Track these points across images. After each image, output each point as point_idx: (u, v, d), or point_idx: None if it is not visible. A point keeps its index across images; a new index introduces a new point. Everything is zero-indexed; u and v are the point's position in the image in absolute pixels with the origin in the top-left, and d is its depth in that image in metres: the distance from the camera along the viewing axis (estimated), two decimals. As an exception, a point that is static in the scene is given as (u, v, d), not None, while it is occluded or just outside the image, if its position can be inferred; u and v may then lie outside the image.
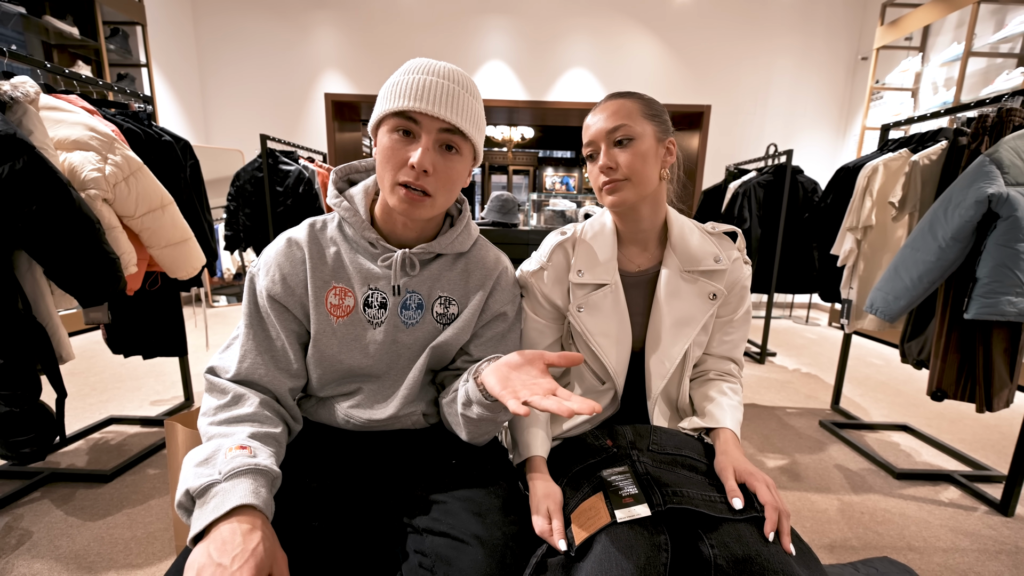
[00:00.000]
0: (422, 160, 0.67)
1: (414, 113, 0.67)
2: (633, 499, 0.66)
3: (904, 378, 2.84)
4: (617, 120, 0.81)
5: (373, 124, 0.73)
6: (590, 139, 0.84)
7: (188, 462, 0.59)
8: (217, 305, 4.44)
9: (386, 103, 0.69)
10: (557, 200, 5.38)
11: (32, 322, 1.18)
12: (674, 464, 0.75)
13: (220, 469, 0.57)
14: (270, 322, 0.74)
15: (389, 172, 0.70)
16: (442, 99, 0.68)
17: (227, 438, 0.63)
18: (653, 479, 0.69)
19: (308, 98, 4.78)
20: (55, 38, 3.33)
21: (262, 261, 0.76)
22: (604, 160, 0.81)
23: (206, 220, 1.92)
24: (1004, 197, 1.31)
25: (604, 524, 0.63)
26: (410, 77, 0.69)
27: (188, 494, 0.56)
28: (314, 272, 0.74)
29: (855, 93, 4.69)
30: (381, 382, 0.79)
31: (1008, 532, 1.43)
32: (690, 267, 0.88)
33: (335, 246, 0.77)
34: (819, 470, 1.76)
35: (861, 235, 1.89)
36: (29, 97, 1.20)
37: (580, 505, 0.69)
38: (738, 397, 0.90)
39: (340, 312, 0.75)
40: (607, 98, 0.84)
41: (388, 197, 0.72)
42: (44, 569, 1.18)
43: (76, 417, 2.02)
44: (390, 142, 0.69)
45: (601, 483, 0.71)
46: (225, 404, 0.68)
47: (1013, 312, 1.34)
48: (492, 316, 0.83)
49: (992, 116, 1.51)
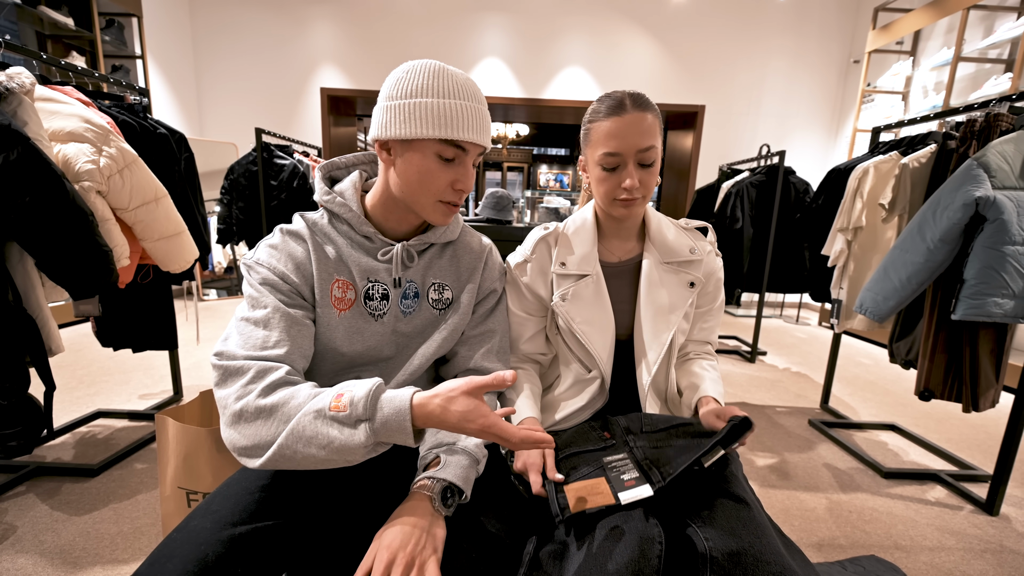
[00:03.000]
0: (469, 184, 0.73)
1: (465, 143, 0.71)
2: (635, 482, 0.68)
3: (892, 378, 2.88)
4: (648, 140, 0.82)
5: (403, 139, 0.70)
6: (617, 150, 0.83)
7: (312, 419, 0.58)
8: (208, 299, 4.41)
9: (433, 128, 0.68)
10: (551, 197, 5.40)
11: (22, 314, 1.17)
12: (669, 437, 0.78)
13: (357, 410, 0.58)
14: (287, 304, 0.71)
15: (431, 194, 0.73)
16: (485, 127, 0.73)
17: (307, 404, 0.60)
18: (651, 461, 0.73)
19: (304, 92, 4.75)
20: (49, 28, 3.29)
21: (265, 252, 0.74)
22: (631, 181, 0.83)
23: (200, 213, 1.90)
24: (991, 200, 1.33)
25: (607, 504, 0.65)
26: (457, 104, 0.69)
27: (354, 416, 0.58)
28: (319, 265, 0.75)
29: (847, 95, 4.74)
30: (380, 369, 0.80)
31: (993, 531, 1.45)
32: (669, 258, 0.93)
33: (331, 242, 0.78)
34: (808, 469, 1.78)
35: (851, 236, 1.91)
36: (24, 88, 1.19)
37: (580, 481, 0.71)
38: (717, 373, 0.96)
39: (343, 305, 0.76)
40: (635, 107, 0.82)
41: (424, 212, 0.75)
42: (28, 564, 1.17)
43: (63, 410, 2.00)
44: (435, 166, 0.71)
45: (602, 468, 0.73)
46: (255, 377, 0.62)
47: (999, 313, 1.37)
48: (485, 293, 0.88)
49: (980, 120, 1.53)
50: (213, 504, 0.63)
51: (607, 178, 0.86)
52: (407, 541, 0.58)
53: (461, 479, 0.67)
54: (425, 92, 0.68)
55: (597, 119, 0.85)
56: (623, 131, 0.82)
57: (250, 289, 0.71)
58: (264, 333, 0.67)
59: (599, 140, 0.84)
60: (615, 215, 0.89)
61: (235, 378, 0.62)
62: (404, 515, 0.62)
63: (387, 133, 0.70)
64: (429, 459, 0.70)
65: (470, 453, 0.71)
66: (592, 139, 0.86)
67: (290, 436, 0.58)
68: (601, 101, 0.86)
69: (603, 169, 0.85)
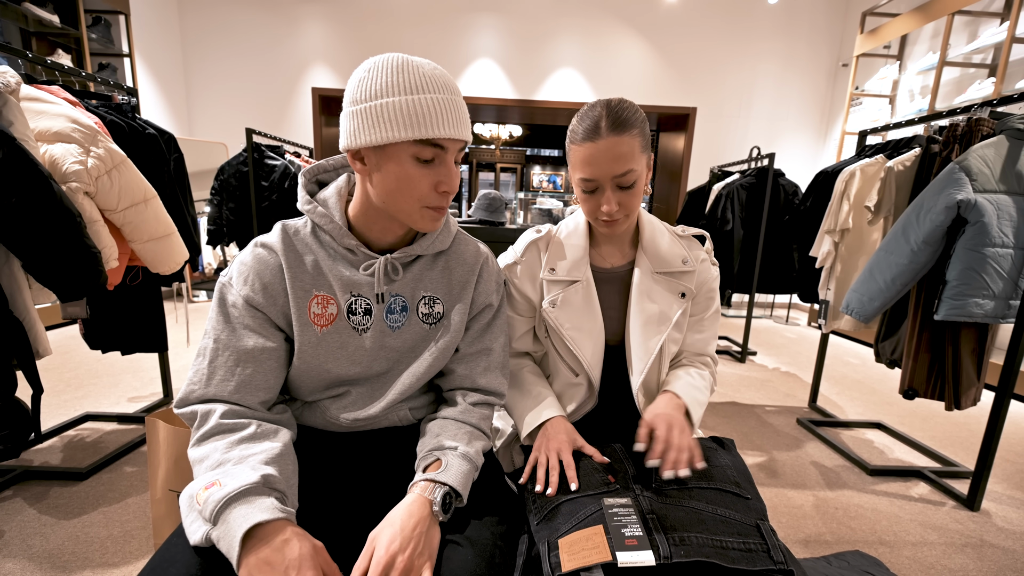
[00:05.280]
0: (454, 185, 0.67)
1: (443, 140, 0.64)
2: (637, 542, 0.61)
3: (879, 377, 2.92)
4: (624, 165, 0.79)
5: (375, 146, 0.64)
6: (592, 176, 0.80)
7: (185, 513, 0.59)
8: (198, 300, 4.37)
9: (405, 129, 0.62)
10: (544, 199, 5.42)
11: (9, 316, 1.16)
12: (681, 495, 0.71)
13: (204, 515, 0.56)
14: (246, 333, 0.69)
15: (413, 200, 0.67)
16: (462, 119, 0.66)
17: (197, 478, 0.60)
18: (659, 518, 0.65)
19: (295, 92, 4.72)
20: (34, 25, 3.24)
21: (235, 270, 0.71)
22: (608, 207, 0.81)
23: (189, 215, 1.89)
24: (972, 203, 1.36)
25: (603, 561, 0.59)
26: (427, 98, 0.62)
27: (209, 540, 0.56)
28: (294, 281, 0.71)
29: (836, 98, 4.80)
30: (371, 385, 0.78)
31: (974, 526, 1.48)
32: (660, 268, 0.92)
33: (312, 253, 0.73)
34: (796, 467, 1.80)
35: (839, 238, 1.95)
36: (10, 87, 1.18)
37: (575, 532, 0.64)
38: (703, 381, 0.93)
39: (323, 321, 0.72)
40: (610, 130, 0.77)
41: (409, 220, 0.69)
42: (16, 569, 1.16)
43: (51, 414, 1.98)
44: (414, 170, 0.65)
45: (602, 515, 0.66)
46: (197, 426, 0.65)
47: (980, 313, 1.40)
48: (479, 308, 0.82)
49: (962, 125, 1.57)
50: None
51: (587, 199, 0.84)
52: (405, 545, 0.58)
53: (461, 485, 0.67)
54: (390, 90, 0.62)
55: (575, 141, 0.81)
56: (597, 158, 0.79)
57: (213, 313, 0.70)
58: (208, 370, 0.68)
59: (576, 164, 0.82)
60: (600, 231, 0.90)
61: (188, 421, 0.67)
62: (403, 517, 0.61)
63: (357, 141, 0.64)
64: (429, 461, 0.70)
65: (471, 459, 0.71)
66: (571, 160, 0.84)
67: (184, 511, 0.59)
68: (581, 119, 0.82)
69: (583, 191, 0.84)
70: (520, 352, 1.01)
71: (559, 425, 0.84)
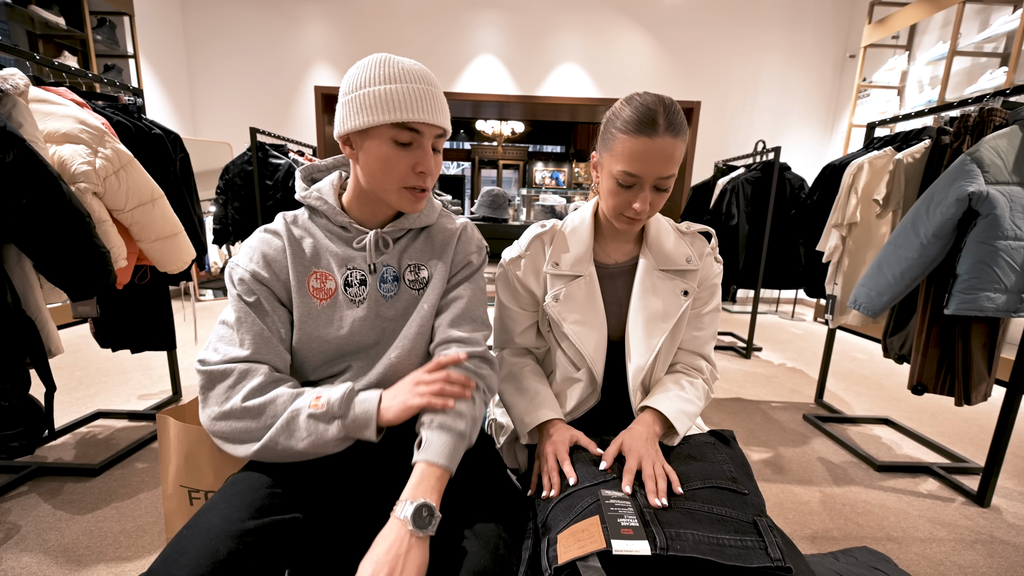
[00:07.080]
0: (430, 166, 0.74)
1: (417, 124, 0.71)
2: (633, 532, 0.61)
3: (886, 372, 2.90)
4: (672, 167, 0.79)
5: (359, 130, 0.72)
6: (638, 173, 0.78)
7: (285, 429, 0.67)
8: (204, 299, 4.40)
9: (383, 113, 0.70)
10: (547, 195, 5.40)
11: (21, 316, 1.17)
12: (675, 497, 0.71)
13: (333, 411, 0.67)
14: (260, 304, 0.75)
15: (393, 180, 0.74)
16: (438, 107, 0.73)
17: (286, 411, 0.68)
18: (654, 512, 0.66)
19: (297, 91, 4.73)
20: (40, 28, 3.27)
21: (242, 252, 0.78)
22: (640, 205, 0.80)
23: (196, 214, 1.90)
24: (984, 195, 1.35)
25: (597, 549, 0.59)
26: (404, 87, 0.70)
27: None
28: (294, 259, 0.78)
29: (843, 90, 4.74)
30: (370, 357, 0.81)
31: (984, 522, 1.47)
32: (664, 266, 0.92)
33: (310, 236, 0.81)
34: (802, 463, 1.80)
35: (846, 232, 1.93)
36: (19, 89, 1.18)
37: (572, 526, 0.65)
38: (694, 391, 0.91)
39: (323, 295, 0.79)
40: (668, 130, 0.76)
41: (391, 198, 0.76)
42: (33, 563, 1.18)
43: (63, 411, 2.00)
44: (392, 152, 0.72)
45: (599, 506, 0.66)
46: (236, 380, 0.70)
47: (991, 308, 1.38)
48: (459, 267, 0.87)
49: (974, 116, 1.54)
50: (221, 502, 0.64)
51: (619, 193, 0.82)
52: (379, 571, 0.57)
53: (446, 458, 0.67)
54: (373, 81, 0.70)
55: (626, 131, 0.77)
56: (649, 156, 0.77)
57: (230, 290, 0.77)
58: (238, 337, 0.72)
59: (620, 155, 0.79)
60: (617, 227, 0.88)
61: (219, 381, 0.70)
62: (377, 543, 0.60)
63: (345, 127, 0.73)
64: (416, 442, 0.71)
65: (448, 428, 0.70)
66: (614, 149, 0.80)
67: (275, 431, 0.67)
68: (633, 107, 0.78)
69: (617, 184, 0.81)
70: (522, 350, 1.01)
71: (557, 428, 0.85)
